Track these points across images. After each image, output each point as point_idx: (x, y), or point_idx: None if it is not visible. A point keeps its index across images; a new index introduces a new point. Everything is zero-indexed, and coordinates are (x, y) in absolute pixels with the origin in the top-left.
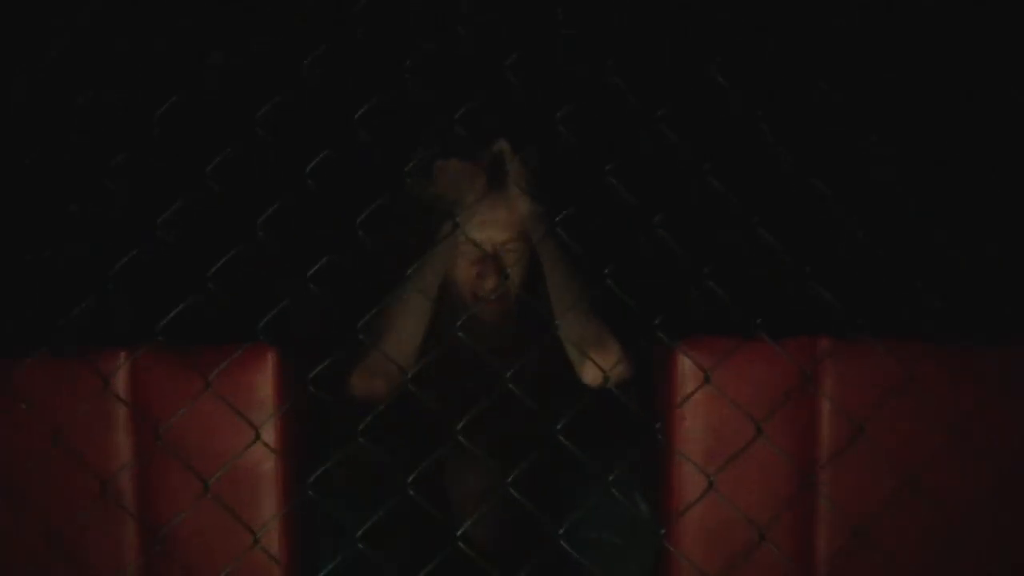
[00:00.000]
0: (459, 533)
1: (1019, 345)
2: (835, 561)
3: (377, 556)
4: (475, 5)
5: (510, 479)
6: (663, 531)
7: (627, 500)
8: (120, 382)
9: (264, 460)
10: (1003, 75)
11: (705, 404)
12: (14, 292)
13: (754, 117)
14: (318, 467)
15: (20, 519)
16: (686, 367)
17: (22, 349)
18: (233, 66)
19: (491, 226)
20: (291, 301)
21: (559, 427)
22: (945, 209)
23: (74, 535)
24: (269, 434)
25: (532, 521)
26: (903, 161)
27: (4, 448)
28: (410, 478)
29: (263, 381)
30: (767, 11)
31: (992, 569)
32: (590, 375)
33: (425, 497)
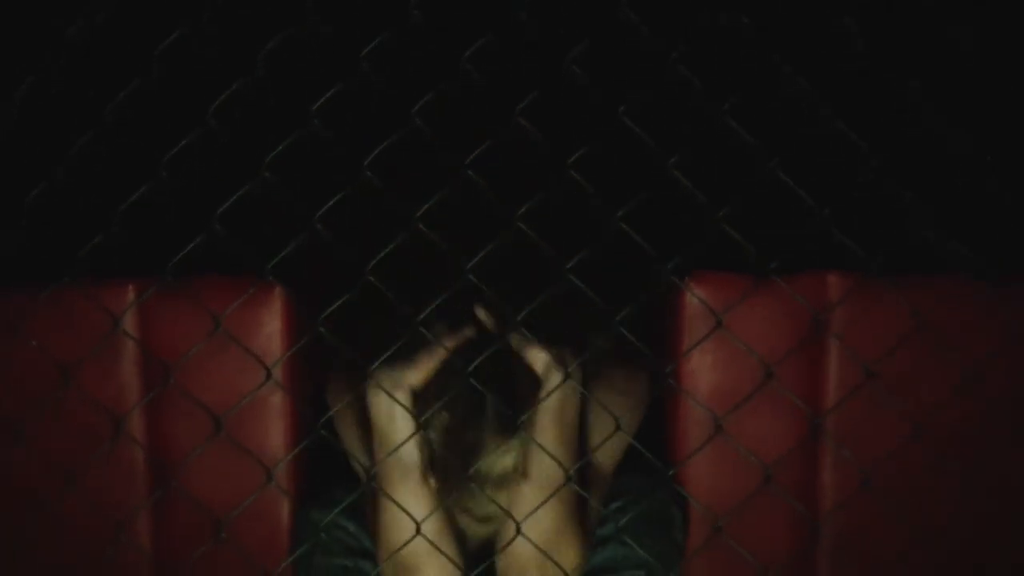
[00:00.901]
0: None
1: None
2: (842, 504)
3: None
4: None
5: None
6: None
7: (664, 530)
8: (128, 317)
9: (271, 394)
10: None
11: (711, 341)
12: (21, 225)
13: (774, 56)
14: (325, 406)
15: (29, 455)
16: (694, 306)
17: (28, 282)
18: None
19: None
20: (299, 240)
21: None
22: (971, 144)
23: (84, 471)
24: (276, 370)
25: None
26: (927, 96)
27: (12, 383)
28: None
29: (270, 317)
30: None
31: (1005, 513)
32: None
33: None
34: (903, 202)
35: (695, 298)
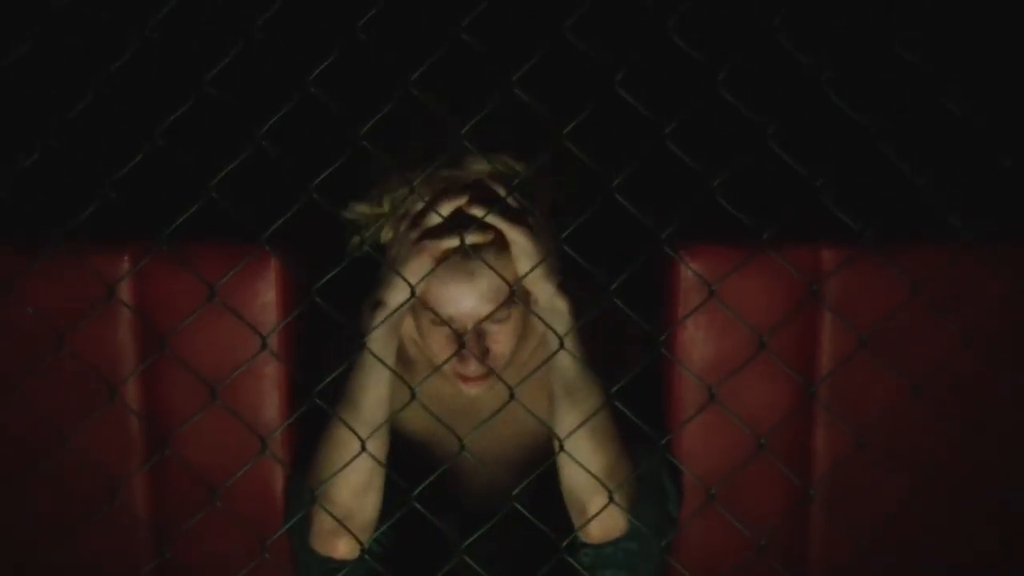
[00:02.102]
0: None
1: None
2: (836, 468)
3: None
4: None
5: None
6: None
7: (656, 489)
8: (124, 283)
9: (266, 364)
10: None
11: (706, 312)
12: (20, 189)
13: (770, 24)
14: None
15: (25, 416)
16: (688, 277)
17: (25, 241)
18: None
19: (469, 297)
20: (296, 208)
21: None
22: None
23: (79, 435)
24: (271, 339)
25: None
26: (924, 66)
27: (7, 341)
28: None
29: (266, 287)
30: None
31: (1004, 469)
32: (596, 532)
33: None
34: (899, 169)
35: (689, 270)
